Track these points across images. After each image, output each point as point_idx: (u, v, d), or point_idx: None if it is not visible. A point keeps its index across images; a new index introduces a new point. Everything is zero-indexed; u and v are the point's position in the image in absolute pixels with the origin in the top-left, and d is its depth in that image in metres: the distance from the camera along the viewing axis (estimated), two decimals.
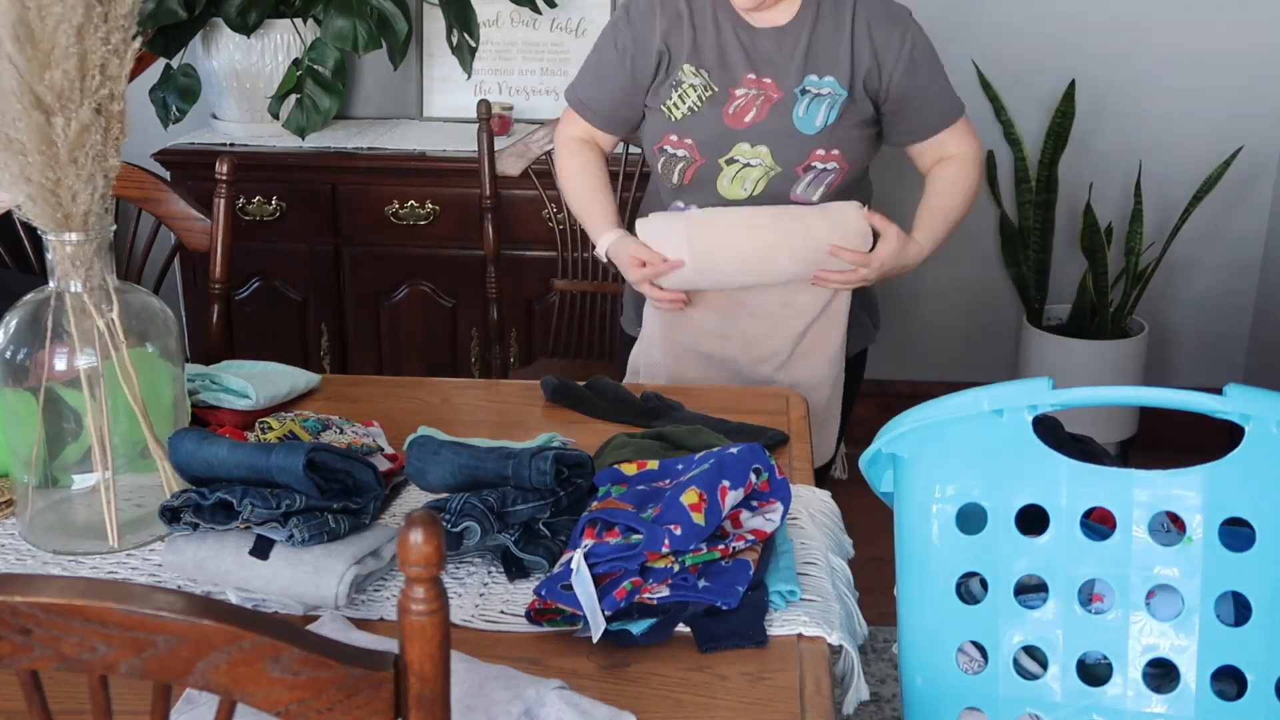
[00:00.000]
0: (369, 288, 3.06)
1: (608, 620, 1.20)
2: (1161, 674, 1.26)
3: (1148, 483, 1.23)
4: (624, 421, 1.72)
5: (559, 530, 1.35)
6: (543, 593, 1.23)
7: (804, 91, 1.99)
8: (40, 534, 1.41)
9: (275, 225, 3.02)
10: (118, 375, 1.37)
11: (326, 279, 3.06)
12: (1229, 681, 1.23)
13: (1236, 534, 1.22)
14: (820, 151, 2.00)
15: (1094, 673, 1.27)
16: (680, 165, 2.04)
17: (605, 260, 2.08)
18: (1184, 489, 1.22)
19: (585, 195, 2.13)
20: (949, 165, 2.09)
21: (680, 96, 2.02)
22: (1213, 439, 1.79)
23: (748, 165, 2.02)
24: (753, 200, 2.03)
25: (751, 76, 2.00)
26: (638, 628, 1.22)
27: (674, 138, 2.03)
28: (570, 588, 1.21)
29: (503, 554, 1.35)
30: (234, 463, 1.29)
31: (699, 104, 2.01)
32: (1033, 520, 1.28)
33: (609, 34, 2.09)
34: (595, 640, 1.20)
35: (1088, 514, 1.27)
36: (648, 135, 2.10)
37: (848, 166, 2.03)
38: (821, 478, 2.07)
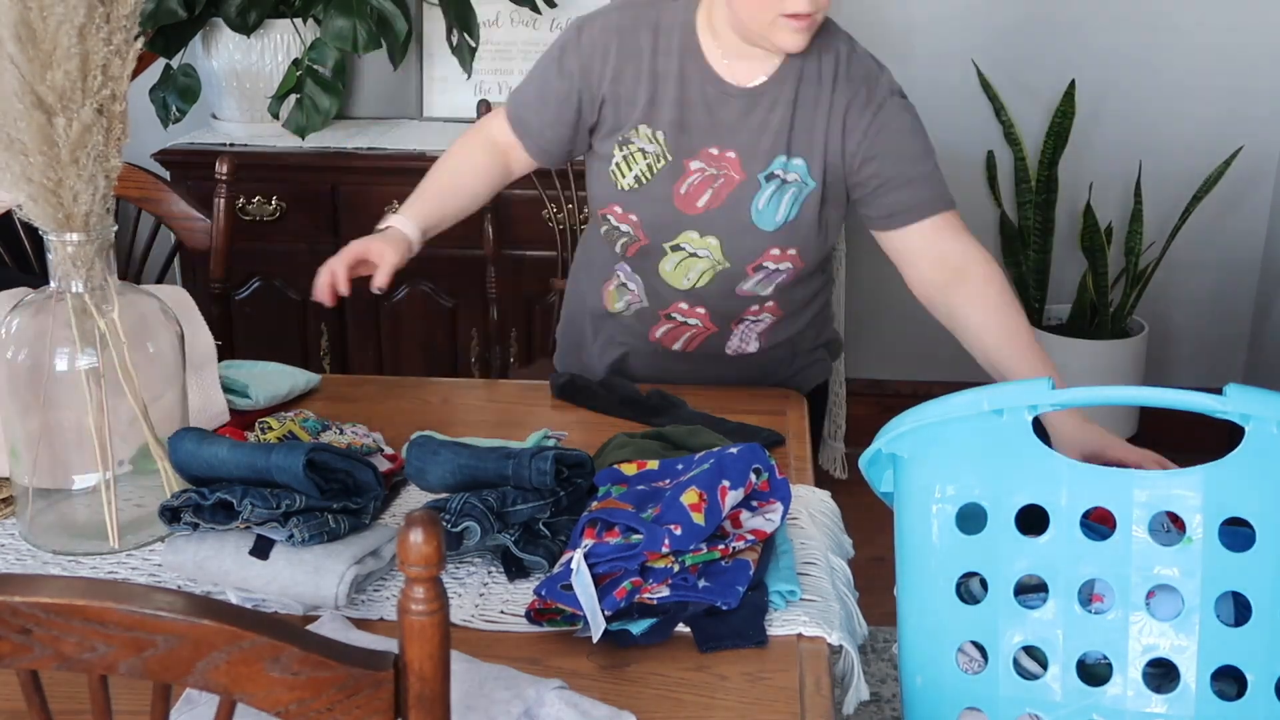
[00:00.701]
0: (369, 288, 3.05)
1: (608, 620, 1.20)
2: (1161, 674, 1.26)
3: (1148, 483, 1.23)
4: (628, 417, 1.72)
5: (559, 530, 1.35)
6: (543, 593, 1.23)
7: (770, 177, 1.73)
8: (40, 534, 1.41)
9: (275, 225, 3.02)
10: (118, 375, 1.37)
11: None
12: (1229, 681, 1.23)
13: (1236, 534, 1.22)
14: (775, 251, 1.76)
15: (1094, 673, 1.27)
16: (623, 240, 1.80)
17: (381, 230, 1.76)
18: (1184, 489, 1.22)
19: (433, 180, 1.83)
20: (976, 283, 1.69)
21: (628, 159, 1.76)
22: (1213, 439, 1.79)
23: (694, 255, 1.77)
24: (694, 292, 1.80)
25: (713, 151, 1.74)
26: (638, 628, 1.22)
27: (619, 209, 1.78)
28: (570, 588, 1.21)
29: (503, 554, 1.35)
30: (234, 463, 1.29)
31: (647, 175, 1.75)
32: (1033, 520, 1.28)
33: (556, 55, 1.80)
34: (595, 640, 1.20)
35: (1087, 514, 1.27)
36: (593, 191, 1.84)
37: (802, 265, 1.79)
38: None
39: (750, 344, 1.89)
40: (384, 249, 1.72)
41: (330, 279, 1.70)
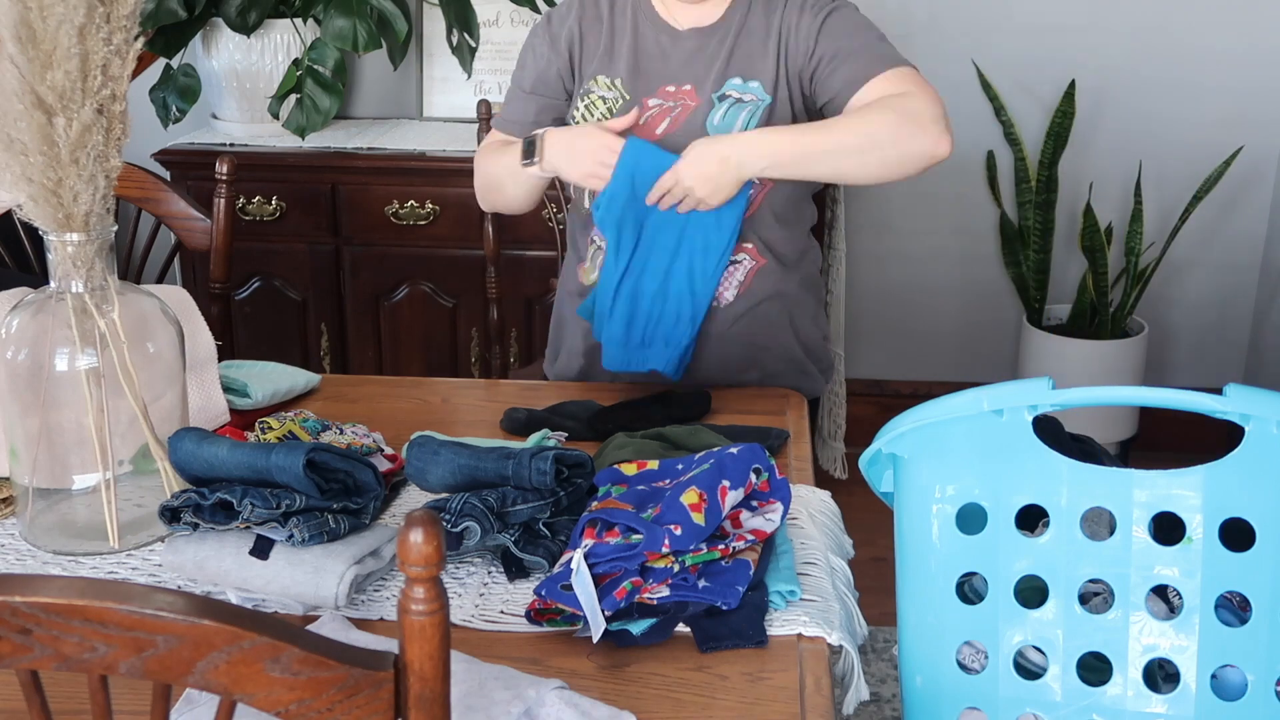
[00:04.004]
0: (369, 288, 3.06)
1: (608, 620, 1.20)
2: (1162, 674, 1.26)
3: (1148, 483, 1.23)
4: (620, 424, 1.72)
5: (559, 530, 1.35)
6: (543, 593, 1.23)
7: (723, 97, 1.78)
8: (40, 534, 1.41)
9: (275, 225, 3.02)
10: (118, 375, 1.37)
11: (326, 279, 3.06)
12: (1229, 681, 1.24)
13: (1237, 534, 1.22)
14: None
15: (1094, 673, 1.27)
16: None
17: (542, 161, 1.74)
18: (1184, 489, 1.22)
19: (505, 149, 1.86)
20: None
21: (588, 108, 1.81)
22: (1213, 439, 1.79)
23: None
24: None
25: (670, 87, 1.80)
26: (638, 628, 1.22)
27: None
28: (570, 588, 1.21)
29: (503, 554, 1.35)
30: (234, 463, 1.29)
31: (607, 116, 1.80)
32: (1033, 520, 1.28)
33: (529, 46, 1.88)
34: (595, 640, 1.20)
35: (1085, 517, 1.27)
36: None
37: (769, 183, 1.79)
38: None
39: (728, 289, 1.86)
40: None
41: None
